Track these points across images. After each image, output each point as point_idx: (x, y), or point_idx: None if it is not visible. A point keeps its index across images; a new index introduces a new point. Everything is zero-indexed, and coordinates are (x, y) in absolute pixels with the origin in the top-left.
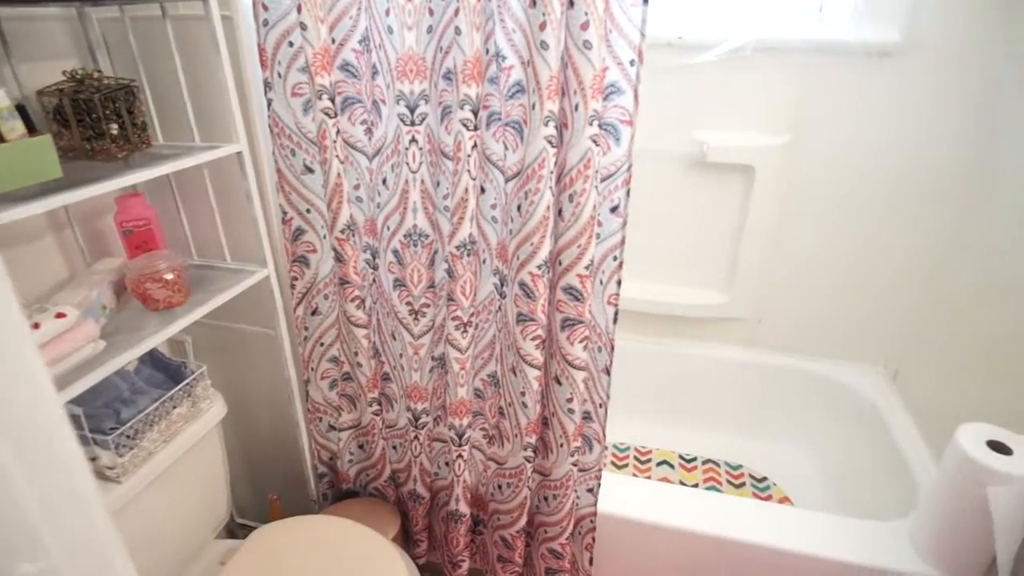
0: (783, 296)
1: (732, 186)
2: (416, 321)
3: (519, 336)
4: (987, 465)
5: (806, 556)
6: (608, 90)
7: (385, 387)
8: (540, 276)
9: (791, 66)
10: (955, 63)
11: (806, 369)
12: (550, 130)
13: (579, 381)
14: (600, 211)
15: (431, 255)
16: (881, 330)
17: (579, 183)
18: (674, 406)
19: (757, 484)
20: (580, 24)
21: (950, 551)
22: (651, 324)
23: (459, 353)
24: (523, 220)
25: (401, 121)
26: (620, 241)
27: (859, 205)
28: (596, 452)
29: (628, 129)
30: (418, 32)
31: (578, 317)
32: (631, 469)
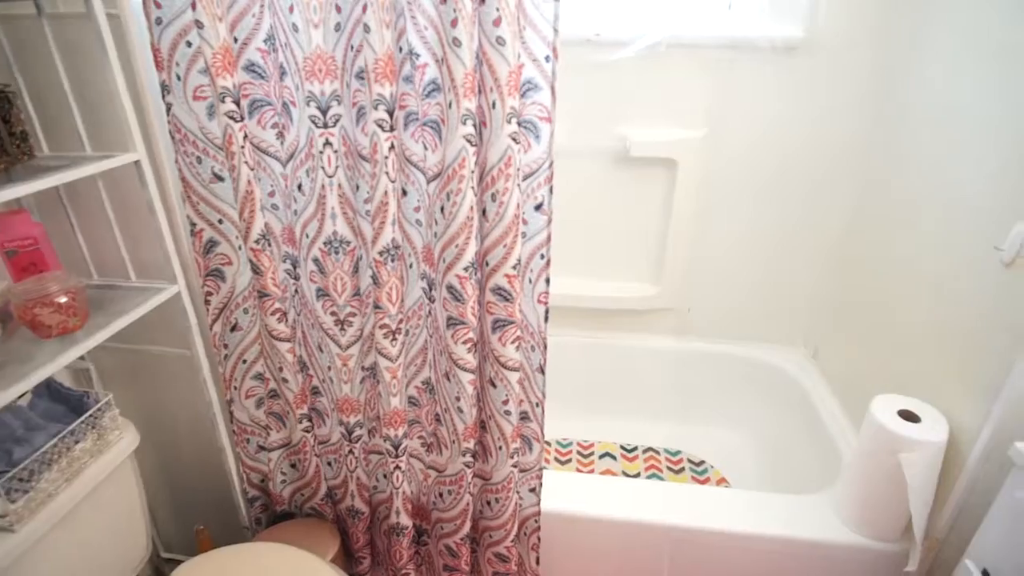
0: (710, 284)
1: (656, 180)
2: (343, 331)
3: (450, 340)
4: (899, 434)
5: (742, 535)
6: (525, 87)
7: (315, 402)
8: (467, 278)
9: (704, 61)
10: (854, 57)
11: (734, 353)
12: (468, 129)
13: (514, 382)
14: (524, 209)
15: (354, 262)
16: (800, 312)
17: (501, 182)
18: (613, 398)
19: (695, 468)
20: (492, 20)
21: (871, 517)
22: (585, 318)
23: (389, 362)
24: (447, 222)
25: (313, 123)
26: (546, 239)
27: (773, 193)
28: (536, 452)
29: (547, 126)
30: (325, 30)
31: (508, 318)
32: (574, 464)
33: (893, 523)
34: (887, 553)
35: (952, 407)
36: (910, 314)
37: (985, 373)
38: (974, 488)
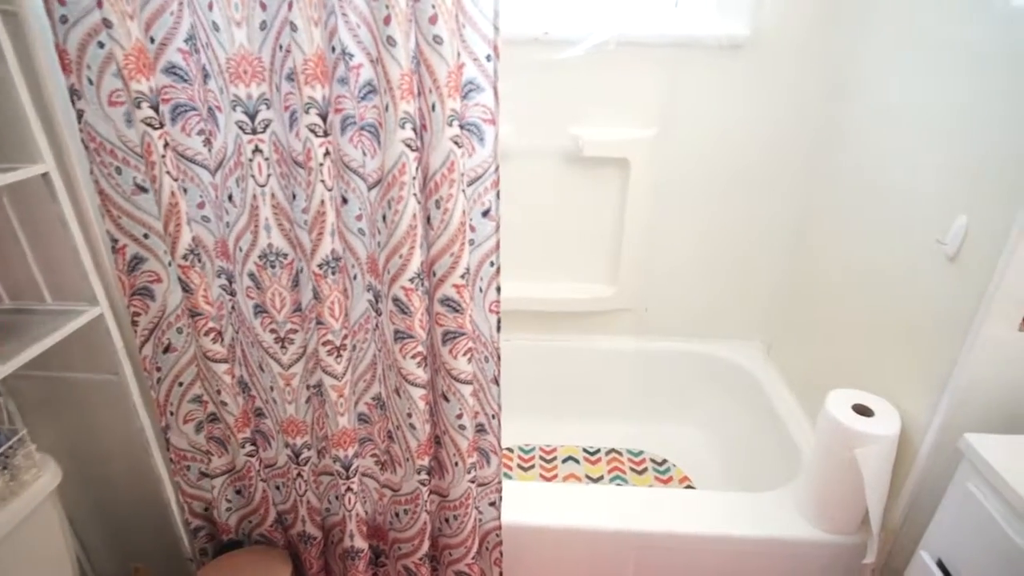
0: (666, 283)
1: (609, 179)
2: (284, 349)
3: (399, 355)
4: (853, 429)
5: (705, 537)
6: (467, 88)
7: (259, 423)
8: (414, 290)
9: (653, 60)
10: (798, 54)
11: (693, 351)
12: (407, 133)
13: (467, 396)
14: (471, 216)
15: (293, 275)
16: (755, 307)
17: (445, 188)
18: (574, 401)
19: (658, 468)
20: (428, 17)
21: (830, 511)
22: (543, 322)
23: (335, 380)
24: (389, 231)
25: (241, 129)
26: (495, 246)
27: (725, 190)
28: (494, 465)
29: (492, 128)
30: (249, 28)
31: (459, 329)
32: (538, 469)
33: (851, 516)
34: (846, 545)
35: (903, 399)
36: (860, 308)
37: (933, 365)
38: (926, 479)
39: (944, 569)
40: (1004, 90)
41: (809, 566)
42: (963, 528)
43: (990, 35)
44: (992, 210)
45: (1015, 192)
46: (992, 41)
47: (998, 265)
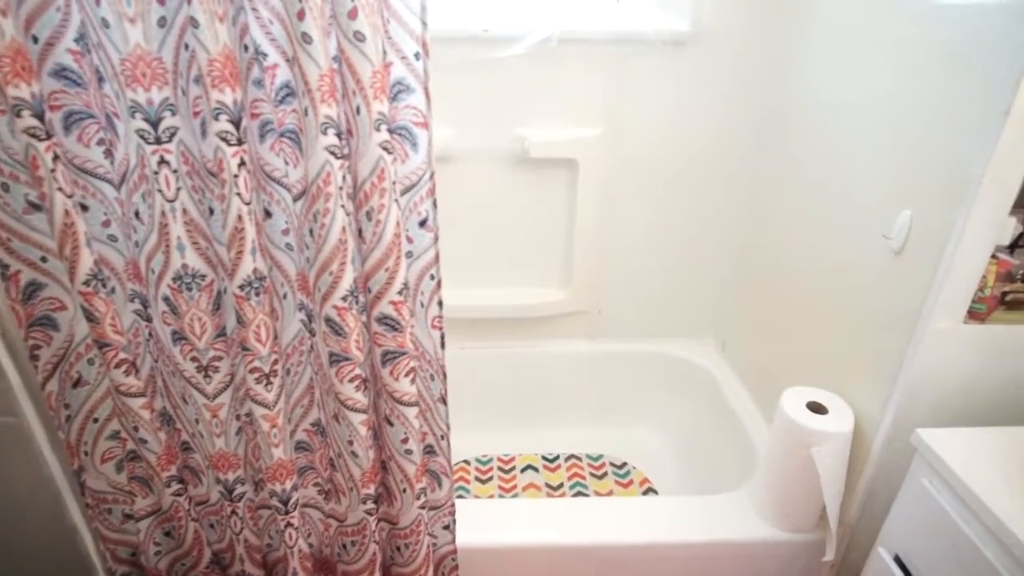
0: (619, 284)
1: (558, 180)
2: (208, 379)
3: (335, 379)
4: (808, 427)
5: (666, 545)
6: (395, 89)
7: (188, 459)
8: (347, 309)
9: (596, 57)
10: (740, 50)
11: (648, 351)
12: (331, 139)
13: (412, 418)
14: (408, 227)
15: (214, 298)
16: (707, 305)
17: (376, 197)
18: (531, 408)
19: (618, 471)
20: (347, 12)
21: (788, 510)
22: (496, 329)
23: (266, 410)
24: (318, 246)
25: (142, 139)
26: (434, 258)
27: (673, 188)
28: (446, 487)
29: (424, 132)
30: (145, 26)
31: (399, 349)
32: (496, 481)
33: (808, 514)
34: (805, 543)
35: (856, 395)
36: (810, 303)
37: (883, 360)
38: (880, 474)
39: (902, 565)
40: (937, 86)
41: (769, 565)
42: (918, 523)
43: (917, 32)
44: (935, 205)
45: (957, 187)
46: (919, 38)
47: (942, 259)
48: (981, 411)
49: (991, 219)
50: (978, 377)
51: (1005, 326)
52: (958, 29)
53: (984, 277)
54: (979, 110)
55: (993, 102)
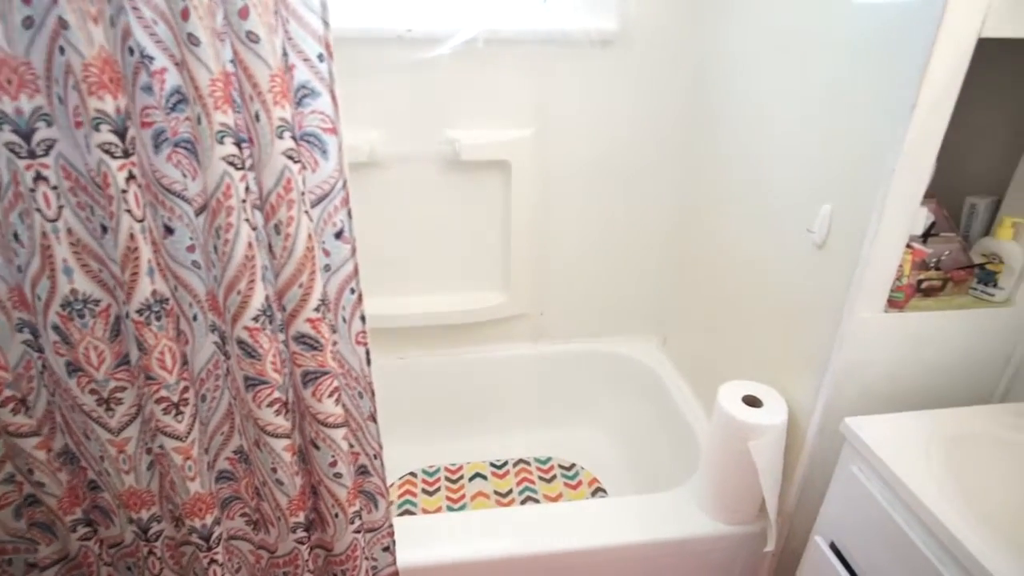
0: (559, 285)
1: (492, 183)
2: (110, 412)
3: (253, 404)
4: (745, 422)
5: (612, 547)
6: (300, 93)
7: (97, 499)
8: (260, 329)
9: (524, 57)
10: (666, 49)
11: (591, 350)
12: (229, 149)
13: (339, 440)
14: (324, 239)
15: (111, 324)
16: (647, 301)
17: (283, 210)
18: (476, 415)
19: (567, 473)
20: (238, 11)
21: (729, 503)
22: (436, 337)
23: (178, 441)
24: (223, 264)
25: (13, 153)
26: (354, 270)
27: (608, 187)
28: (382, 508)
29: (334, 138)
30: (7, 27)
31: (320, 368)
32: (444, 492)
33: (749, 506)
34: (748, 535)
35: (789, 386)
36: (743, 298)
37: (812, 351)
38: (815, 462)
39: (837, 552)
40: (850, 82)
41: (714, 559)
42: (850, 510)
43: (830, 30)
44: (853, 198)
45: (871, 180)
46: (832, 36)
47: (862, 250)
48: (905, 396)
49: (904, 210)
50: (900, 363)
51: (922, 313)
52: (868, 27)
53: (900, 266)
54: (889, 105)
55: (901, 97)
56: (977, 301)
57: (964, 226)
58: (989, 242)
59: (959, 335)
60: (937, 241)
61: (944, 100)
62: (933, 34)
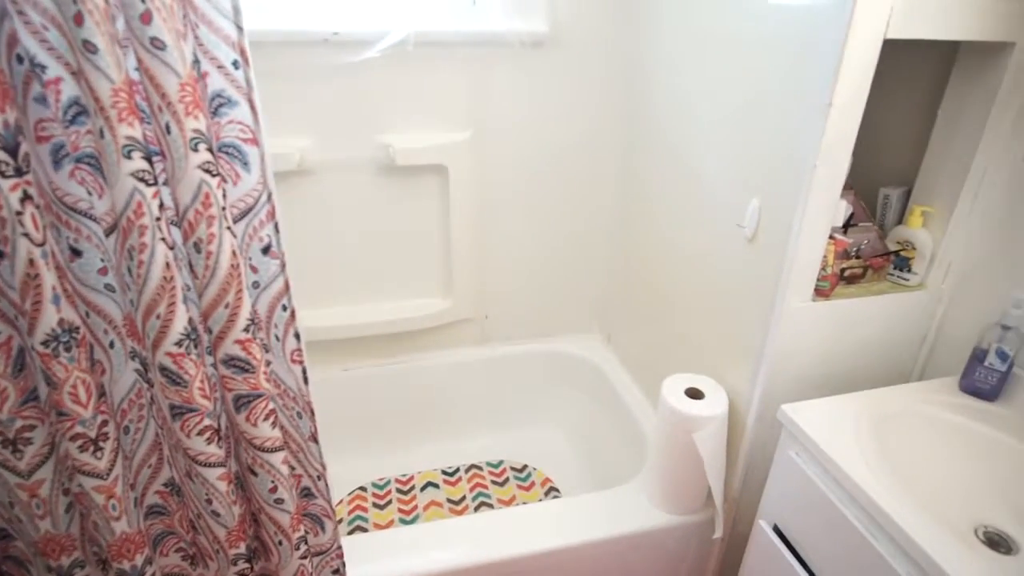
0: (503, 287)
1: (430, 188)
2: (18, 454)
3: (181, 434)
4: (689, 414)
5: (566, 548)
6: (215, 103)
7: (9, 548)
8: (184, 354)
9: (456, 59)
10: (596, 50)
11: (537, 351)
12: (137, 164)
13: (279, 465)
14: (250, 255)
15: (13, 358)
16: (590, 298)
17: (203, 226)
18: (425, 423)
19: (519, 475)
20: (140, 15)
21: (677, 494)
22: (380, 346)
23: (99, 480)
24: (139, 287)
25: None
26: (284, 286)
27: (547, 187)
28: (329, 530)
29: (255, 149)
30: None
31: (253, 391)
32: (395, 504)
33: (696, 495)
34: (697, 524)
35: (727, 376)
36: (682, 292)
37: (747, 341)
38: (755, 448)
39: (781, 534)
40: (772, 81)
41: (666, 549)
42: (791, 494)
43: (751, 31)
44: (778, 193)
45: (795, 175)
46: (753, 36)
47: (789, 243)
48: (834, 380)
49: (826, 203)
50: (828, 349)
51: (846, 300)
52: (784, 29)
53: (825, 257)
54: (808, 104)
55: (819, 95)
56: (894, 286)
57: (879, 216)
58: (902, 230)
59: (880, 319)
60: (856, 231)
61: (857, 98)
62: (844, 35)
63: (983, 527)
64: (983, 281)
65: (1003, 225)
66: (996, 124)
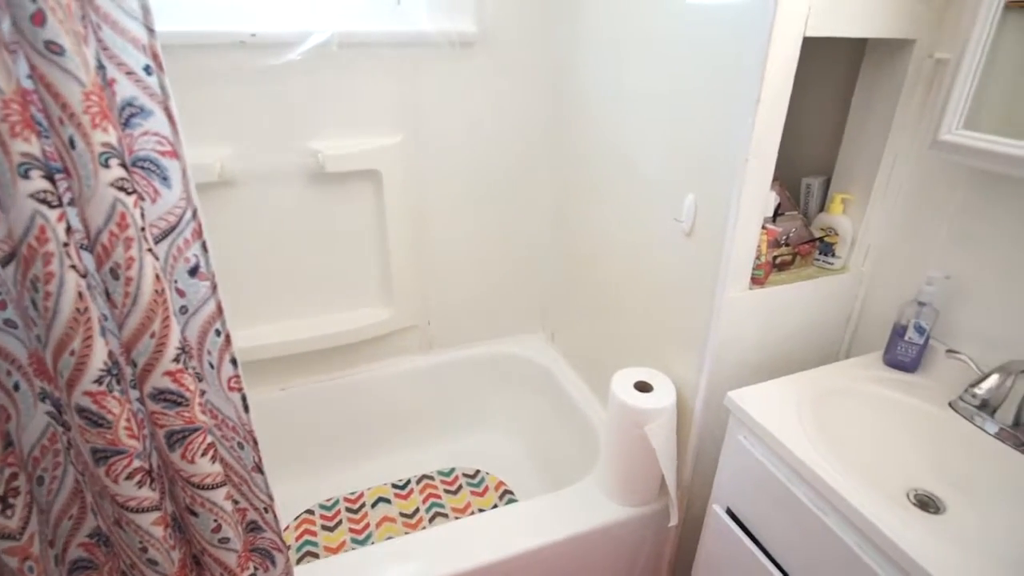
0: (444, 292)
1: (363, 194)
2: None
3: (108, 479)
4: (640, 408)
5: (528, 552)
6: (126, 112)
7: None
8: (106, 392)
9: (384, 61)
10: (527, 49)
11: (483, 354)
12: (38, 184)
13: (221, 501)
14: (176, 278)
15: None
16: (532, 297)
17: (119, 250)
18: (371, 437)
19: (472, 481)
20: (31, 16)
21: (632, 486)
22: (320, 361)
23: (11, 541)
24: (46, 321)
25: None
26: (216, 310)
27: (484, 188)
28: (280, 563)
29: (175, 162)
30: None
31: (188, 425)
32: (346, 524)
33: (651, 486)
34: (653, 513)
35: (675, 367)
36: (624, 287)
37: (691, 332)
38: (704, 435)
39: (734, 516)
40: (701, 79)
41: (625, 541)
42: (741, 477)
43: (677, 30)
44: (713, 187)
45: (727, 169)
46: (680, 36)
47: (725, 235)
48: (772, 363)
49: (758, 195)
50: (765, 334)
51: (779, 287)
52: (712, 28)
53: (759, 246)
54: (738, 99)
55: (747, 92)
56: (821, 270)
57: (803, 204)
58: (825, 217)
59: (809, 302)
60: (784, 220)
61: (782, 93)
62: (768, 34)
63: (914, 490)
64: (899, 261)
65: (914, 209)
66: (902, 115)
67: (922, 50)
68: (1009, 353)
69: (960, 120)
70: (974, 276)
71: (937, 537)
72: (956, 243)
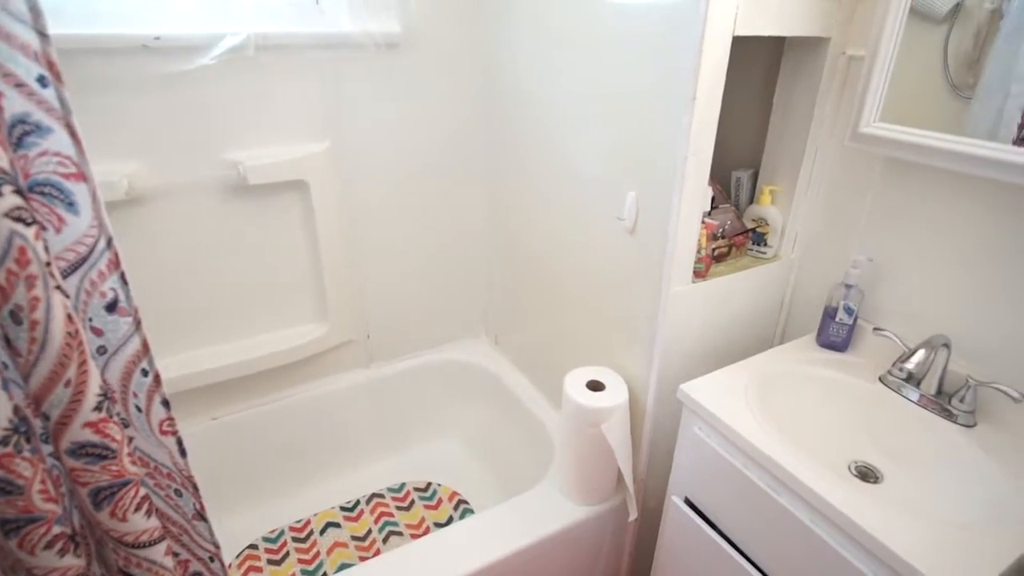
0: (382, 303)
1: (290, 206)
2: None
3: (22, 552)
4: (593, 407)
5: (491, 564)
6: (18, 131)
7: None
8: (12, 454)
9: (304, 64)
10: (455, 50)
11: (426, 363)
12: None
13: (160, 558)
14: (90, 315)
15: None
16: (473, 302)
17: (20, 290)
18: (315, 459)
19: (424, 495)
20: None
21: (590, 485)
22: (254, 385)
23: None
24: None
25: None
26: (143, 347)
27: (417, 194)
28: None
29: (82, 185)
30: None
31: (116, 479)
32: (294, 556)
33: (608, 483)
34: (612, 509)
35: (625, 363)
36: (568, 288)
37: (638, 328)
38: (657, 427)
39: (692, 506)
40: (637, 79)
41: (586, 540)
42: (698, 467)
43: (610, 31)
44: (653, 184)
45: (667, 166)
46: (613, 36)
47: (667, 231)
48: (715, 353)
49: (697, 190)
50: (708, 325)
51: (718, 278)
52: (645, 27)
53: (699, 240)
54: (673, 97)
55: (683, 89)
56: (755, 260)
57: (734, 197)
58: (755, 208)
59: (746, 291)
60: (719, 213)
61: (715, 90)
62: (701, 33)
63: (855, 463)
64: (826, 247)
65: (836, 197)
66: (821, 109)
67: (836, 47)
68: (928, 326)
69: (877, 113)
70: (894, 257)
71: (880, 505)
72: (876, 227)
